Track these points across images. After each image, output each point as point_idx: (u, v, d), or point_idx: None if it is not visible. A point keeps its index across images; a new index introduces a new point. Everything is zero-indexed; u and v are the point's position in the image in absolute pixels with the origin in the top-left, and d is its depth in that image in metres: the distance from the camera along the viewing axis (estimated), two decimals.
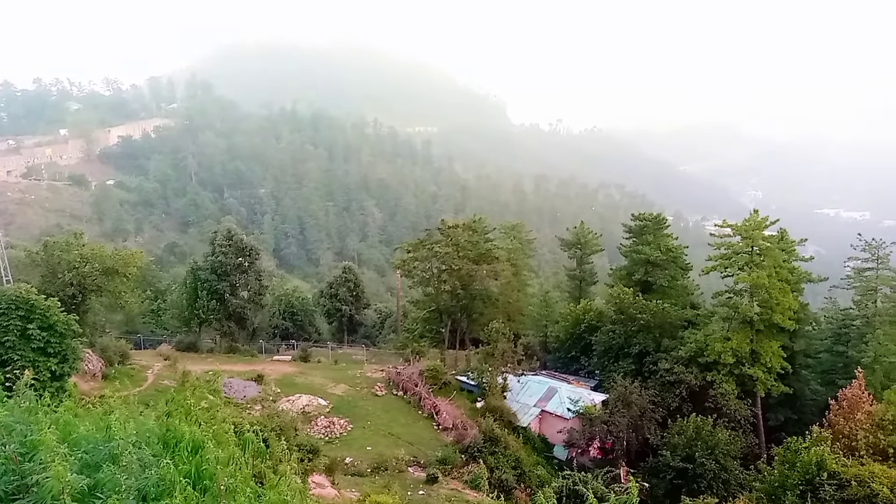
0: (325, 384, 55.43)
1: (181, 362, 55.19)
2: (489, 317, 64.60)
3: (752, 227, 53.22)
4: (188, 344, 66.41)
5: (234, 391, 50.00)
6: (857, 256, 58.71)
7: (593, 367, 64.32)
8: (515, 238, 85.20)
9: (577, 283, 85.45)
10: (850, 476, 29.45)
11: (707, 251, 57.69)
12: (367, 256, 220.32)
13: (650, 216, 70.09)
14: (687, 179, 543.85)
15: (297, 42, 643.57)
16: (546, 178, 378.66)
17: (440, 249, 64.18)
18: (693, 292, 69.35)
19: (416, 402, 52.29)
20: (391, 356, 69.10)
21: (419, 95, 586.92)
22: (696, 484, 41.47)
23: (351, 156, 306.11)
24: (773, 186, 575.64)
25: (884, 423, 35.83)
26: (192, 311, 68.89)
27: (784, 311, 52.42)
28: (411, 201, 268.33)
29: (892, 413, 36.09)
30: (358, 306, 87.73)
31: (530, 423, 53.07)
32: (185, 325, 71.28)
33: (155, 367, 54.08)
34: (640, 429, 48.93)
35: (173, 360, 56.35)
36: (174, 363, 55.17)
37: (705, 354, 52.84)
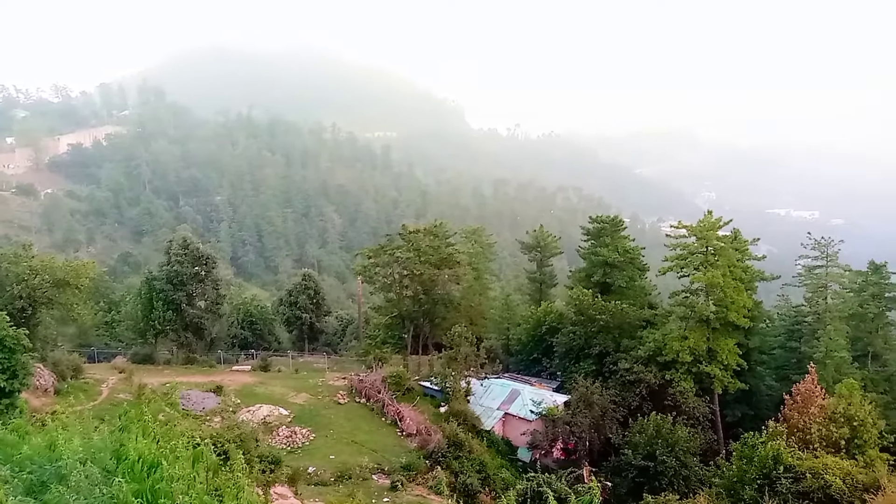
0: (286, 393, 54.61)
1: (137, 375, 53.77)
2: (451, 321, 64.50)
3: (707, 227, 54.36)
4: (144, 356, 64.72)
5: (193, 403, 48.90)
6: (807, 255, 60.46)
7: (555, 368, 64.81)
8: (476, 242, 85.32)
9: (537, 285, 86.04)
10: (805, 469, 30.22)
11: (663, 252, 58.76)
12: (327, 263, 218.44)
13: (607, 219, 71.05)
14: (643, 182, 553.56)
15: (252, 47, 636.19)
16: (505, 182, 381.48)
17: (401, 254, 63.89)
18: (650, 292, 70.48)
19: (380, 408, 51.89)
20: (353, 363, 68.45)
21: (378, 100, 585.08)
22: (657, 481, 42.09)
23: (309, 161, 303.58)
24: (726, 188, 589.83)
25: (836, 416, 36.86)
26: (147, 322, 67.18)
27: (739, 310, 53.65)
28: (371, 206, 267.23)
29: (844, 406, 37.16)
30: (318, 314, 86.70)
31: (494, 426, 53.13)
32: (141, 337, 69.48)
33: (110, 381, 52.54)
34: (602, 428, 49.50)
35: (129, 373, 54.82)
36: (130, 376, 53.68)
37: (664, 353, 53.75)
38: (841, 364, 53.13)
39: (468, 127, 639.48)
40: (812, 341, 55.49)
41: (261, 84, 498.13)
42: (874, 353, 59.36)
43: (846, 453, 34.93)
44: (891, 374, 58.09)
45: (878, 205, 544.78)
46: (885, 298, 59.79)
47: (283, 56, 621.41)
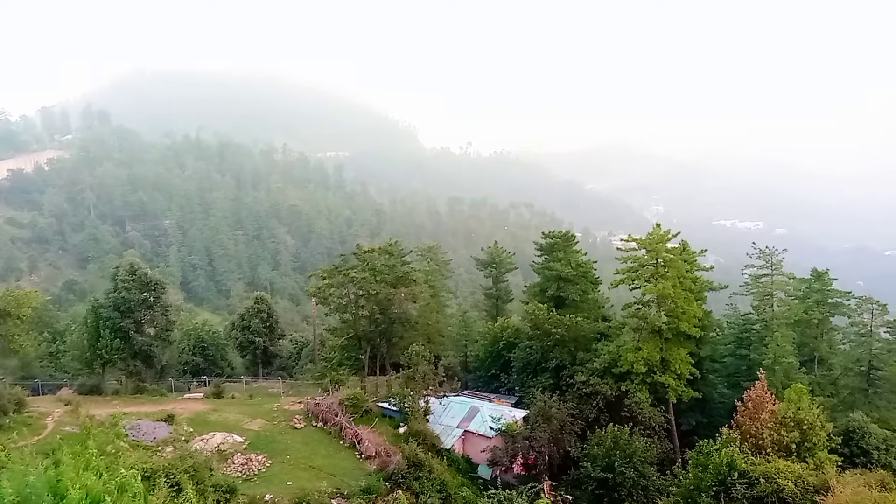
0: (241, 420, 53.41)
1: (84, 407, 51.79)
2: (409, 340, 64.19)
3: (656, 240, 55.46)
4: (91, 387, 62.44)
5: (144, 433, 47.42)
6: (752, 264, 62.29)
7: (513, 383, 64.98)
8: (432, 260, 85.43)
9: (493, 301, 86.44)
10: (759, 474, 30.86)
11: (615, 265, 59.61)
12: (280, 285, 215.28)
13: (560, 234, 72.05)
14: (593, 197, 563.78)
15: (199, 68, 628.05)
16: (459, 200, 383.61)
17: (356, 275, 63.38)
18: (604, 305, 71.48)
19: (337, 432, 51.14)
20: (309, 387, 67.39)
21: (329, 120, 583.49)
22: (617, 493, 42.42)
23: (260, 183, 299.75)
24: (674, 201, 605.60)
25: (786, 420, 37.80)
26: (94, 351, 65.03)
27: (690, 320, 54.77)
28: (325, 227, 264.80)
29: (793, 411, 38.14)
30: (272, 337, 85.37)
31: (454, 445, 52.84)
32: (88, 367, 67.17)
33: (55, 414, 50.50)
34: (561, 442, 49.70)
35: (75, 405, 52.77)
36: (76, 408, 51.67)
37: (619, 365, 54.41)
38: (789, 369, 54.55)
39: (421, 146, 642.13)
40: (761, 348, 56.89)
41: (209, 106, 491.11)
42: (820, 358, 61.30)
43: (797, 456, 35.81)
44: (836, 378, 60.00)
45: (819, 214, 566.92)
46: (828, 304, 61.90)
47: (231, 77, 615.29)
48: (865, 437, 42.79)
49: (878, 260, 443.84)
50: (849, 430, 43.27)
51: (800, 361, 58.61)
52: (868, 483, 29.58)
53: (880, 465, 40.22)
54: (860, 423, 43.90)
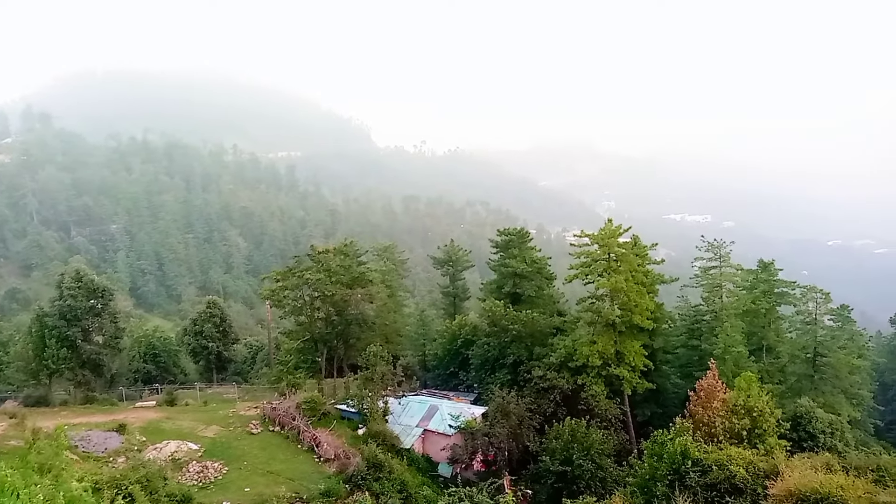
0: (196, 427, 52.35)
1: (30, 419, 49.89)
2: (366, 341, 63.84)
3: (608, 235, 56.32)
4: (38, 398, 60.47)
5: (94, 444, 46.07)
6: (702, 256, 63.68)
7: (472, 380, 65.25)
8: (388, 259, 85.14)
9: (451, 299, 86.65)
10: (712, 461, 31.58)
11: (569, 261, 60.25)
12: (233, 289, 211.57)
13: (515, 231, 72.66)
14: (547, 194, 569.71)
15: (144, 69, 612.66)
16: (415, 199, 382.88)
17: (311, 276, 62.68)
18: (559, 300, 72.40)
19: (295, 436, 50.52)
20: (265, 391, 66.47)
21: (280, 120, 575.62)
22: (575, 485, 42.88)
23: (210, 185, 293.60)
24: (625, 197, 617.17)
25: (736, 408, 38.78)
26: (39, 361, 62.96)
27: (642, 312, 55.79)
28: (278, 228, 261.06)
29: (744, 398, 39.17)
30: (226, 342, 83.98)
31: (413, 444, 52.81)
32: (33, 378, 65.02)
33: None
34: (520, 437, 50.07)
35: (21, 418, 50.78)
36: (22, 421, 49.73)
37: (574, 359, 55.09)
38: (739, 358, 56.01)
39: (374, 145, 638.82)
40: (711, 338, 58.23)
41: (155, 107, 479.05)
42: (768, 346, 63.13)
43: (748, 443, 36.78)
44: (784, 365, 61.86)
45: (764, 208, 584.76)
46: (775, 294, 63.75)
47: (178, 77, 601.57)
48: (812, 421, 44.19)
49: (820, 250, 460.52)
50: (796, 415, 44.63)
51: (749, 350, 60.24)
52: (815, 466, 30.56)
53: (826, 448, 41.60)
54: (807, 409, 45.31)
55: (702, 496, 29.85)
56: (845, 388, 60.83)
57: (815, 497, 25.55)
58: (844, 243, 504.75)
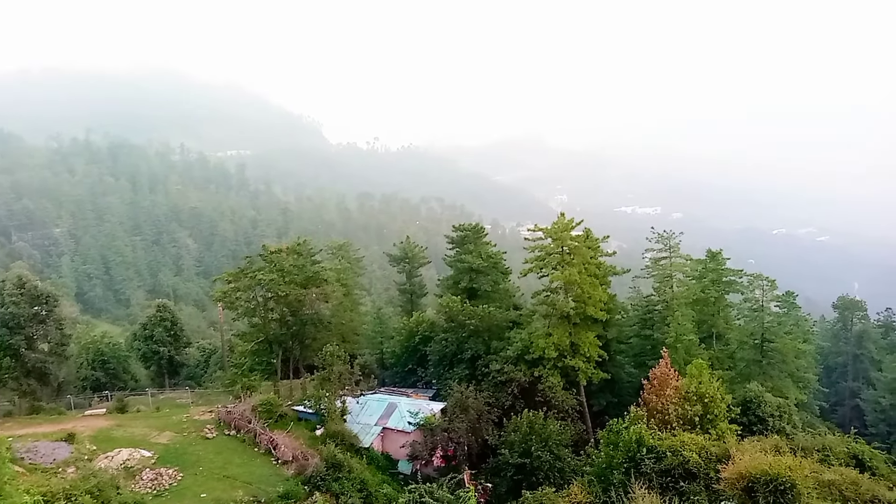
0: (148, 434, 51.11)
1: None
2: (323, 341, 63.20)
3: (561, 228, 56.95)
4: None
5: (42, 456, 44.63)
6: (652, 248, 64.91)
7: (430, 376, 65.29)
8: (343, 258, 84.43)
9: (408, 296, 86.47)
10: (665, 448, 32.23)
11: (524, 255, 60.79)
12: (183, 291, 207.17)
13: (470, 226, 72.96)
14: (501, 189, 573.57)
15: (85, 66, 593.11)
16: (369, 196, 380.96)
17: (264, 276, 61.69)
18: (515, 294, 72.93)
19: (252, 439, 49.73)
20: (220, 395, 65.27)
21: (228, 118, 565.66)
22: (534, 477, 43.27)
23: (157, 185, 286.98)
24: (577, 191, 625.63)
25: (689, 395, 39.67)
26: None
27: (596, 304, 56.58)
28: (229, 228, 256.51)
29: (695, 385, 40.07)
30: (177, 346, 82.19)
31: (373, 443, 52.60)
32: None
33: None
34: (479, 431, 50.31)
35: None
36: None
37: (531, 351, 55.60)
38: (690, 346, 57.34)
39: (327, 142, 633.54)
40: (663, 328, 59.46)
41: (98, 105, 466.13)
42: (717, 334, 64.80)
43: (700, 428, 37.68)
44: (733, 352, 63.61)
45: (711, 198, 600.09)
46: (723, 283, 65.43)
47: (120, 75, 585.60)
48: (761, 405, 45.44)
49: (766, 239, 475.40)
50: (746, 400, 45.84)
51: (699, 338, 61.75)
52: (764, 448, 31.46)
53: (775, 430, 42.83)
54: (756, 393, 46.58)
55: (657, 482, 30.43)
56: (792, 372, 62.87)
57: (765, 478, 26.30)
58: (789, 232, 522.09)
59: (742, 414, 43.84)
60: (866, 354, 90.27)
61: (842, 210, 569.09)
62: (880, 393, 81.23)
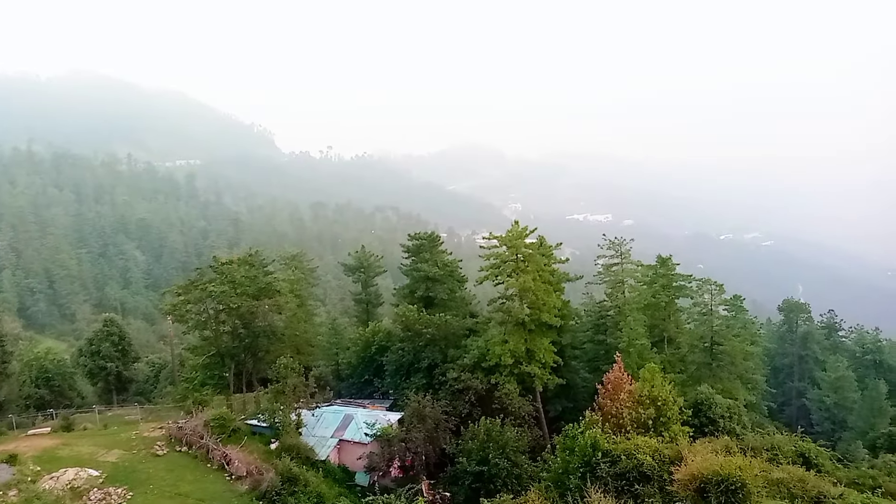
0: (96, 452, 49.50)
1: None
2: (276, 353, 62.32)
3: (515, 236, 57.47)
4: None
5: None
6: (604, 254, 66.04)
7: (387, 387, 64.81)
8: (297, 268, 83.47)
9: (364, 306, 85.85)
10: (620, 451, 32.66)
11: (479, 263, 61.10)
12: (131, 305, 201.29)
13: (425, 235, 73.01)
14: (455, 198, 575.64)
15: (25, 74, 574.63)
16: (323, 206, 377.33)
17: (215, 288, 60.55)
18: (471, 302, 73.21)
19: (204, 454, 48.58)
20: (171, 410, 63.57)
21: (177, 127, 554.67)
22: (492, 484, 43.36)
23: (103, 196, 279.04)
24: (530, 199, 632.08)
25: (642, 398, 40.32)
26: None
27: (550, 310, 57.20)
28: (178, 240, 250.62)
29: (648, 389, 40.76)
30: (126, 361, 79.69)
31: (329, 455, 51.90)
32: None
33: None
34: (437, 440, 50.18)
35: None
36: None
37: (487, 359, 55.81)
38: (642, 351, 58.32)
39: (279, 152, 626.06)
40: (616, 333, 60.40)
41: (40, 115, 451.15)
42: (668, 338, 66.11)
43: (654, 431, 38.29)
44: (684, 355, 64.95)
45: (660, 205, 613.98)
46: (673, 287, 66.86)
47: (63, 83, 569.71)
48: (712, 407, 46.51)
49: (714, 244, 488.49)
50: (697, 402, 46.86)
51: (651, 342, 62.85)
52: (715, 449, 32.20)
53: (725, 431, 43.88)
54: (707, 395, 47.66)
55: (612, 486, 30.79)
56: (741, 374, 64.54)
57: (716, 479, 26.88)
58: (735, 237, 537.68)
59: (694, 416, 44.75)
60: (811, 355, 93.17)
61: (785, 216, 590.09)
62: (825, 392, 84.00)
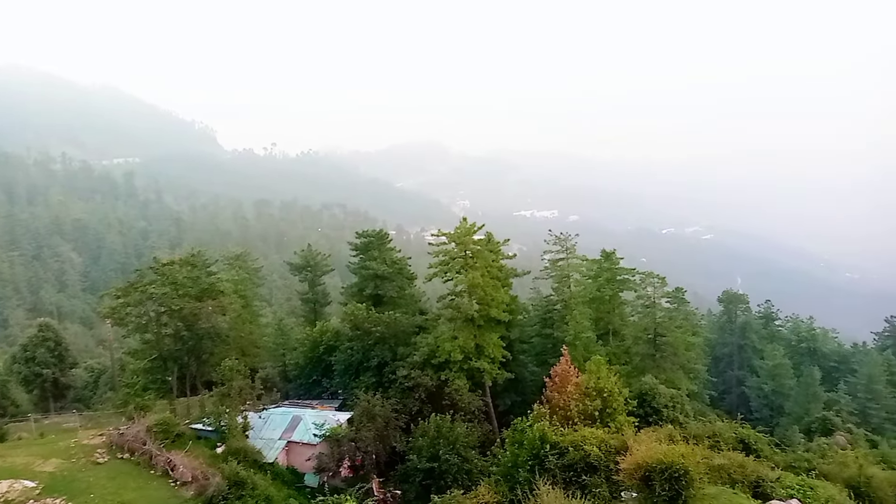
0: (31, 462, 47.45)
1: None
2: (221, 355, 60.96)
3: (464, 233, 57.72)
4: None
5: None
6: (550, 249, 66.90)
7: (336, 386, 64.31)
8: (241, 268, 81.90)
9: (311, 305, 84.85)
10: (568, 443, 33.13)
11: (428, 259, 61.12)
12: (68, 309, 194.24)
13: (373, 232, 72.63)
14: (403, 195, 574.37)
15: None
16: (267, 203, 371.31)
17: (156, 290, 58.92)
18: (420, 299, 73.22)
19: (147, 461, 47.18)
20: (111, 417, 61.56)
21: (114, 124, 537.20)
22: (443, 480, 43.41)
23: (37, 197, 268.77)
24: (478, 195, 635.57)
25: (588, 390, 40.96)
26: None
27: (499, 305, 57.67)
28: (117, 241, 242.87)
29: (594, 381, 41.44)
30: (62, 367, 76.93)
31: (277, 457, 51.19)
32: None
33: None
34: (387, 438, 50.04)
35: None
36: None
37: (437, 355, 55.91)
38: (588, 343, 59.41)
39: (221, 149, 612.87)
40: (563, 326, 61.31)
41: None
42: (614, 330, 67.57)
43: (600, 422, 38.98)
44: (629, 347, 66.46)
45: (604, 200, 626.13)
46: (617, 281, 68.33)
47: None
48: (656, 397, 47.67)
49: (656, 238, 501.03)
50: (642, 392, 47.94)
51: (597, 335, 64.12)
52: (659, 438, 32.93)
53: (669, 420, 45.02)
54: (651, 386, 48.82)
55: (560, 477, 31.19)
56: (683, 364, 66.43)
57: (661, 467, 27.49)
58: (676, 231, 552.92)
59: (638, 406, 45.77)
60: (749, 344, 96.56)
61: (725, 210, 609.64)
62: (763, 380, 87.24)
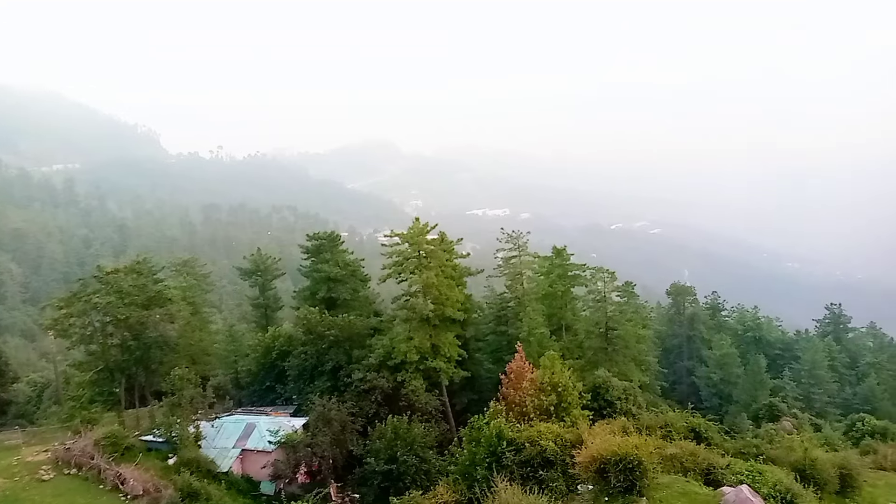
0: None
1: None
2: (170, 364, 59.68)
3: (417, 233, 57.72)
4: None
5: None
6: (503, 247, 67.44)
7: (290, 392, 63.44)
8: (189, 274, 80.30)
9: (262, 311, 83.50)
10: (524, 439, 33.46)
11: (382, 261, 60.91)
12: (7, 321, 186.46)
13: (325, 235, 71.94)
14: (355, 196, 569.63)
15: None
16: (215, 208, 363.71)
17: (100, 300, 57.22)
18: (375, 301, 72.86)
19: (96, 475, 45.71)
20: (57, 432, 59.39)
21: (51, 129, 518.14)
22: (401, 482, 43.32)
23: None
24: (430, 195, 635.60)
25: (543, 386, 41.41)
26: None
27: (453, 305, 57.89)
28: (58, 249, 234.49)
29: (549, 376, 41.90)
30: (3, 382, 73.87)
31: (232, 466, 50.22)
32: None
33: None
34: (344, 443, 49.63)
35: None
36: None
37: (393, 357, 55.81)
38: (542, 339, 60.05)
39: (165, 153, 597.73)
40: (517, 323, 61.91)
41: None
42: (566, 325, 68.44)
43: (556, 417, 39.45)
44: (581, 342, 67.42)
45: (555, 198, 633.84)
46: (569, 277, 69.23)
47: None
48: (609, 390, 48.40)
49: (606, 234, 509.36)
50: (595, 386, 48.61)
51: (550, 331, 64.85)
52: (613, 430, 33.53)
53: (622, 412, 45.71)
54: (604, 379, 49.56)
55: (518, 473, 31.45)
56: (635, 357, 67.72)
57: (615, 459, 27.98)
58: (625, 226, 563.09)
59: (592, 399, 46.34)
60: (698, 335, 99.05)
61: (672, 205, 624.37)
62: (711, 369, 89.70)
